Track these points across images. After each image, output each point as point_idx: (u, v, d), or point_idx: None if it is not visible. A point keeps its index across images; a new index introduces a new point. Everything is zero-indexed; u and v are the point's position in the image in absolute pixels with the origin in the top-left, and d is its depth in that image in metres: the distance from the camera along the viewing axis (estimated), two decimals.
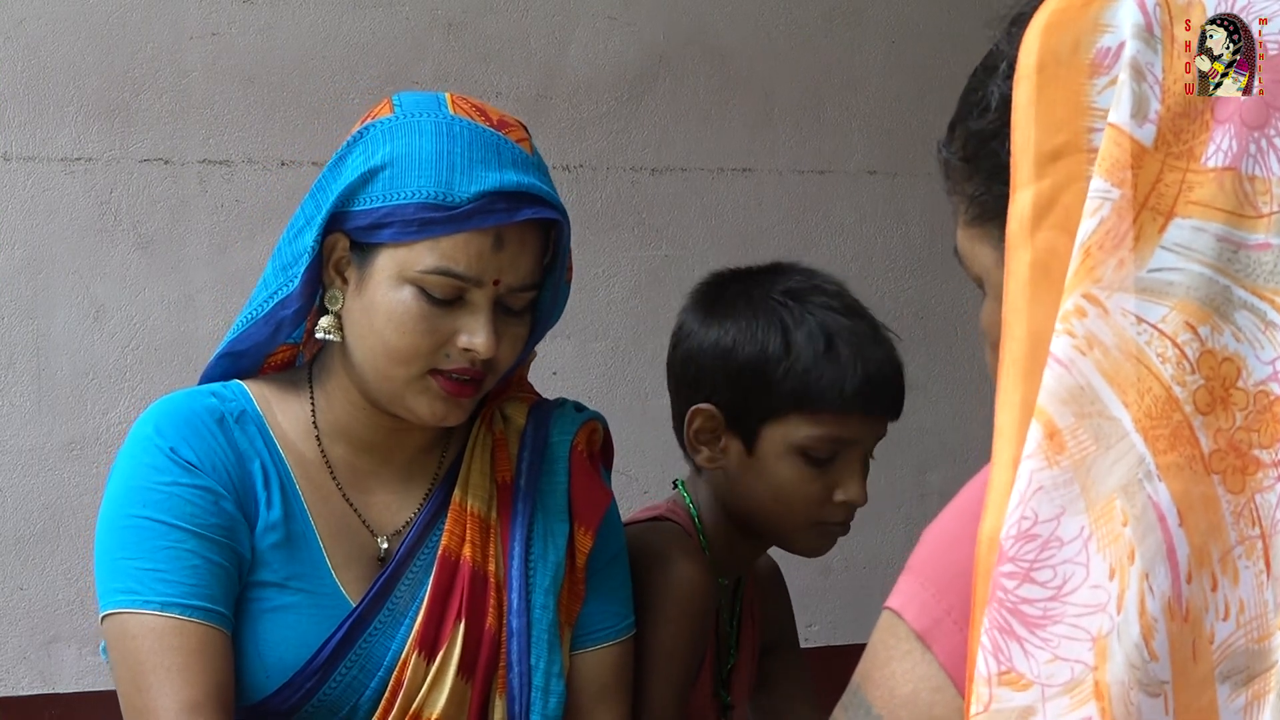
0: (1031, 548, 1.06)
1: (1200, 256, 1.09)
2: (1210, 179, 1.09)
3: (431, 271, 1.78)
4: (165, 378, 3.14)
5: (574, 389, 3.24)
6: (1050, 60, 1.11)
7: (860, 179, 3.68)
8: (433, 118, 1.82)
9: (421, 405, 1.82)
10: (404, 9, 3.35)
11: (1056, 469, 1.06)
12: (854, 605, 3.61)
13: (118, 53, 3.18)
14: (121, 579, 1.80)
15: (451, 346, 1.80)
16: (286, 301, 1.85)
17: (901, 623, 1.20)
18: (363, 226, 1.80)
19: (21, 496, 3.14)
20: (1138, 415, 1.07)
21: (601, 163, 3.48)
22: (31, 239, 3.14)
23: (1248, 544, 1.06)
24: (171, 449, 1.83)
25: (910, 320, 3.61)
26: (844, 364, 2.04)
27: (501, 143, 1.82)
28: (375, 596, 1.86)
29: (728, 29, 3.57)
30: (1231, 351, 1.08)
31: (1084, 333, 1.07)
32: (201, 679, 1.76)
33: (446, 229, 1.77)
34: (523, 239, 1.81)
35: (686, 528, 2.13)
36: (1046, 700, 1.05)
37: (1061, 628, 1.05)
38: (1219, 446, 1.07)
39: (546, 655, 1.88)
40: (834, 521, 2.10)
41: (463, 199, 1.77)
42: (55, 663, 3.14)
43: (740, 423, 2.08)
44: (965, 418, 3.72)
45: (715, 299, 2.13)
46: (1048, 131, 1.10)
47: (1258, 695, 1.05)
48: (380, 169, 1.79)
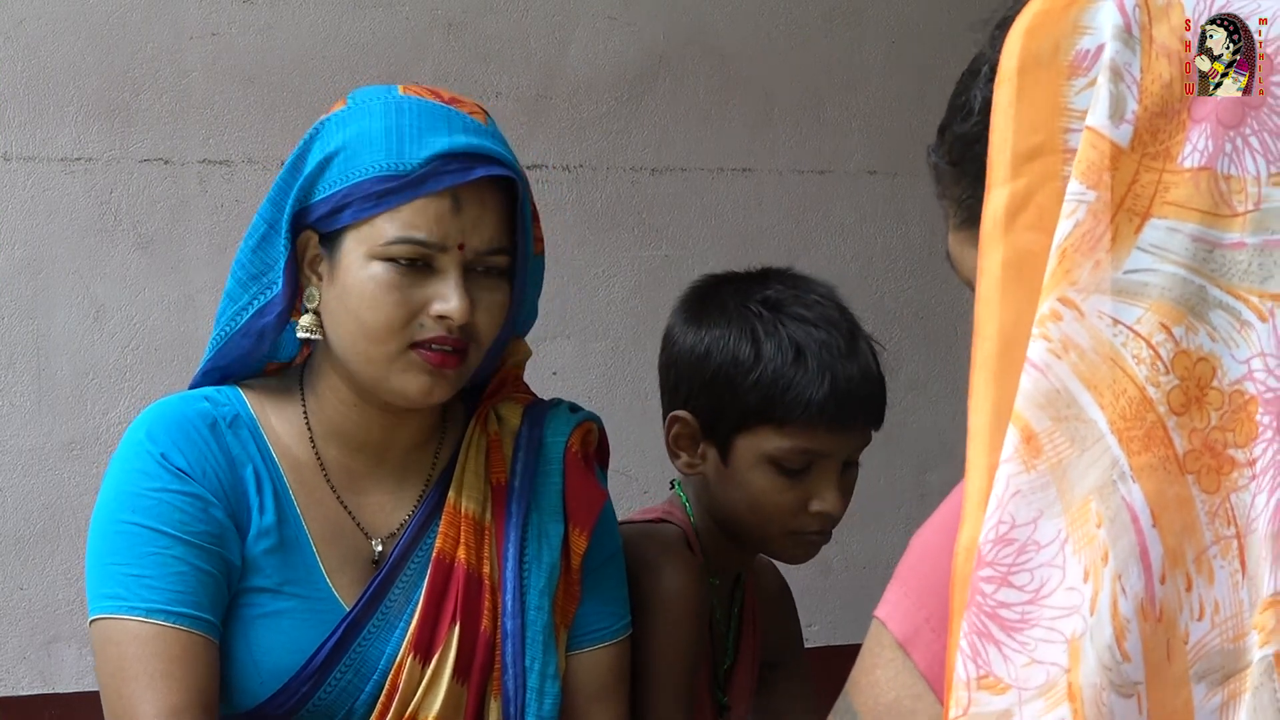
0: (1009, 552, 1.06)
1: (1175, 257, 1.08)
2: (1186, 179, 1.09)
3: (394, 241, 1.78)
4: (165, 378, 3.15)
5: (574, 389, 3.24)
6: (1031, 63, 1.11)
7: (860, 179, 3.68)
8: (382, 100, 1.83)
9: (407, 382, 1.81)
10: (404, 9, 3.35)
11: (1033, 473, 1.06)
12: (854, 605, 3.60)
13: (118, 53, 3.18)
14: (109, 584, 1.81)
15: (426, 316, 1.79)
16: (266, 309, 1.86)
17: (885, 631, 1.21)
18: (325, 214, 1.81)
19: (21, 496, 3.14)
20: (1112, 417, 1.07)
21: (601, 163, 3.48)
22: (31, 239, 3.14)
23: (1223, 543, 1.06)
24: (162, 455, 1.83)
25: (910, 320, 3.61)
26: (810, 376, 2.03)
27: (451, 113, 1.83)
28: (369, 600, 1.86)
29: (728, 29, 3.57)
30: (1207, 351, 1.08)
31: (1059, 336, 1.07)
32: (184, 685, 1.76)
33: (403, 196, 1.78)
34: (482, 200, 1.81)
35: (684, 528, 2.13)
36: (1023, 704, 1.05)
37: (1038, 631, 1.05)
38: (1193, 447, 1.07)
39: (541, 657, 1.88)
40: (810, 531, 2.10)
41: (414, 164, 1.78)
42: (55, 663, 3.14)
43: (715, 431, 2.08)
44: (965, 418, 3.71)
45: (699, 303, 2.13)
46: (1024, 132, 1.10)
47: (1233, 695, 1.05)
48: (335, 154, 1.81)
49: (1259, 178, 1.09)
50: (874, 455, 2.18)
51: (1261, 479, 1.06)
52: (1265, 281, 1.08)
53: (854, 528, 2.16)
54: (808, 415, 2.03)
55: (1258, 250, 1.09)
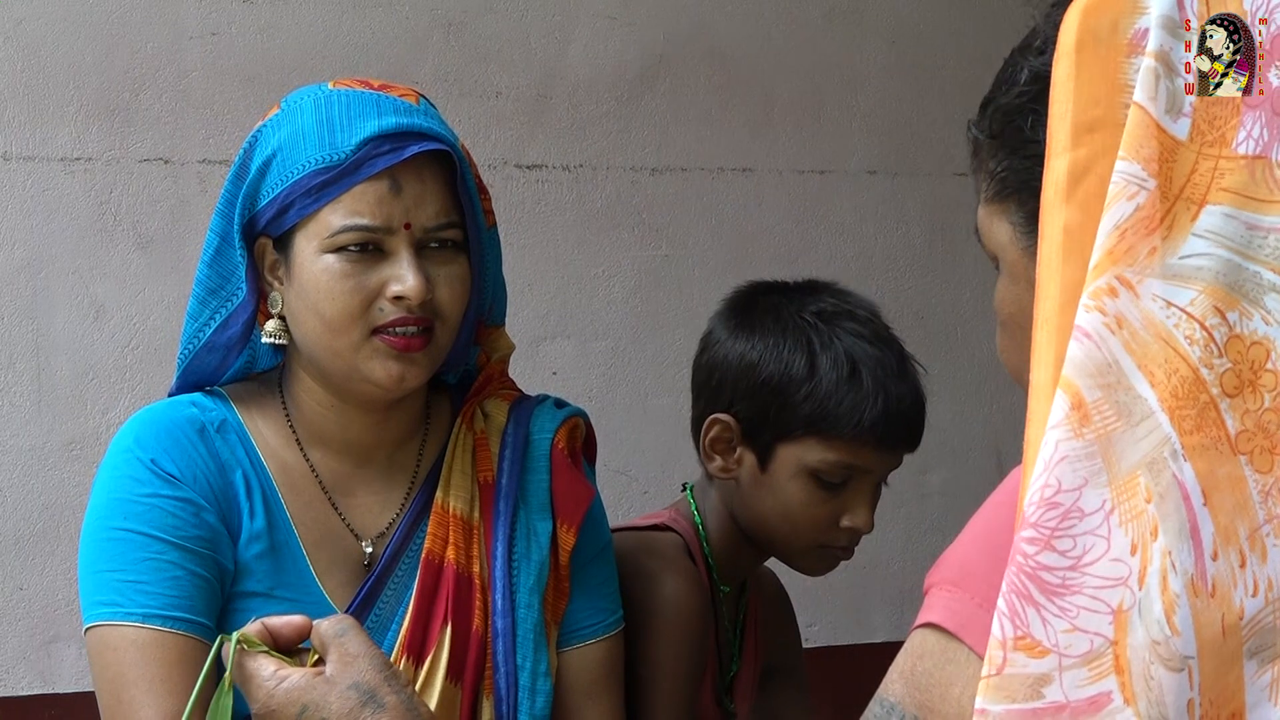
0: (1054, 515, 1.07)
1: (1229, 242, 1.10)
2: (1241, 166, 1.11)
3: (340, 231, 1.79)
4: (165, 378, 3.11)
5: (574, 389, 3.24)
6: (1089, 39, 1.12)
7: (860, 179, 3.69)
8: (312, 97, 1.84)
9: (375, 370, 1.81)
10: (404, 9, 3.35)
11: (1081, 440, 1.07)
12: (854, 605, 3.61)
13: (118, 53, 3.18)
14: (103, 591, 1.80)
15: (383, 300, 1.79)
16: (229, 321, 1.87)
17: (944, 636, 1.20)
18: (272, 217, 1.81)
19: (21, 496, 3.14)
20: (1164, 395, 1.08)
21: (601, 163, 3.48)
22: (31, 239, 3.14)
23: (1276, 522, 1.07)
24: (152, 460, 1.83)
25: (910, 320, 3.61)
26: (865, 393, 2.05)
27: (381, 98, 1.84)
28: (361, 603, 1.86)
29: (728, 29, 3.58)
30: (1261, 335, 1.09)
31: (1114, 311, 1.08)
32: (182, 690, 1.75)
33: (341, 186, 1.79)
34: (421, 177, 1.81)
35: (687, 536, 2.13)
36: (1064, 670, 1.06)
37: (1081, 598, 1.06)
38: (1246, 428, 1.08)
39: (533, 655, 1.88)
40: (838, 545, 2.12)
41: (347, 151, 1.79)
42: (54, 663, 3.14)
43: (756, 437, 2.08)
44: (965, 418, 3.72)
45: (747, 310, 2.14)
46: (1085, 104, 1.12)
47: None
48: (272, 157, 1.81)
49: None
50: (888, 482, 2.19)
51: None
52: None
53: None
54: (857, 431, 2.05)
55: None
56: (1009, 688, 1.06)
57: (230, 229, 1.84)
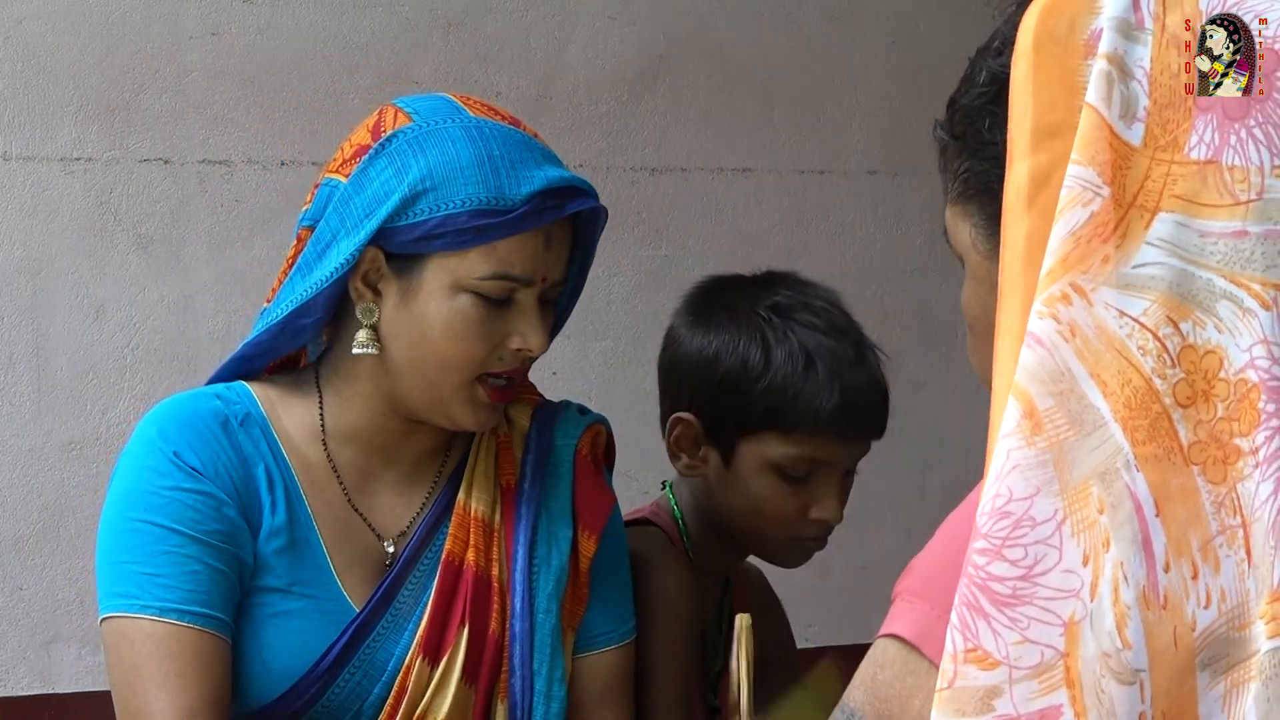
0: (1004, 525, 1.06)
1: (1182, 251, 1.09)
2: (1193, 172, 1.10)
3: (488, 277, 1.78)
4: (165, 378, 3.14)
5: (574, 389, 3.23)
6: (1047, 40, 1.11)
7: (860, 179, 3.68)
8: (459, 122, 1.81)
9: (466, 414, 1.82)
10: (404, 9, 3.35)
11: (1033, 449, 1.06)
12: (853, 605, 3.60)
13: (118, 53, 3.18)
14: (121, 583, 1.80)
15: (504, 349, 1.80)
16: (307, 309, 1.83)
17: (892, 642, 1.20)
18: (410, 240, 1.78)
19: (21, 496, 3.14)
20: (1117, 406, 1.07)
21: (601, 163, 3.47)
22: (31, 239, 3.14)
23: (1229, 533, 1.06)
24: (175, 453, 1.82)
25: (910, 320, 3.61)
26: (821, 385, 2.03)
27: (528, 140, 1.83)
28: (379, 601, 1.86)
29: (728, 29, 3.57)
30: (1215, 344, 1.08)
31: (1068, 319, 1.07)
32: (198, 685, 1.76)
33: (501, 232, 1.77)
34: (565, 233, 1.82)
35: (669, 532, 2.12)
36: (1014, 682, 1.05)
37: (1032, 609, 1.05)
38: (1199, 439, 1.07)
39: (549, 660, 1.88)
40: (809, 537, 2.10)
41: (517, 200, 1.77)
42: (54, 663, 3.14)
43: (719, 435, 2.08)
44: (965, 418, 3.71)
45: (704, 306, 2.13)
46: (1044, 108, 1.11)
47: (1237, 683, 1.05)
48: (422, 182, 1.78)
49: (1262, 168, 1.10)
50: (874, 456, 2.18)
51: (1265, 468, 1.06)
52: (1268, 270, 1.09)
53: (853, 529, 2.16)
54: (816, 424, 2.03)
55: (1260, 239, 1.09)
56: (960, 701, 1.05)
57: (358, 232, 1.79)
